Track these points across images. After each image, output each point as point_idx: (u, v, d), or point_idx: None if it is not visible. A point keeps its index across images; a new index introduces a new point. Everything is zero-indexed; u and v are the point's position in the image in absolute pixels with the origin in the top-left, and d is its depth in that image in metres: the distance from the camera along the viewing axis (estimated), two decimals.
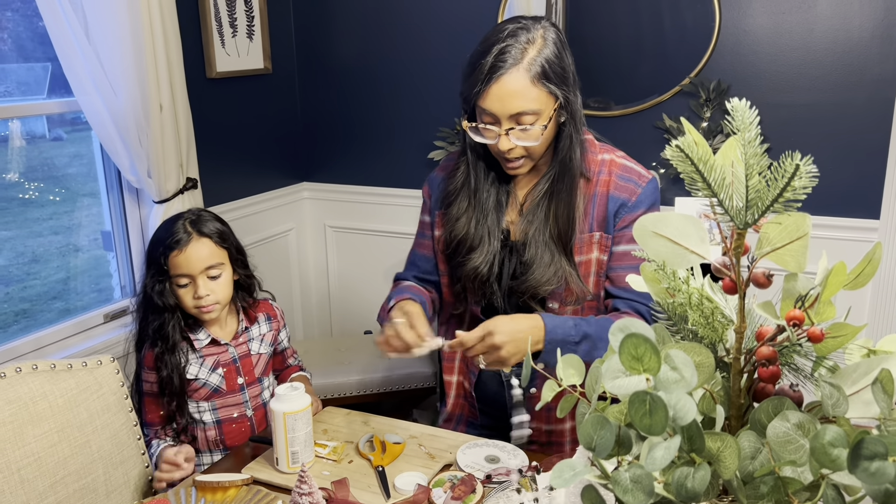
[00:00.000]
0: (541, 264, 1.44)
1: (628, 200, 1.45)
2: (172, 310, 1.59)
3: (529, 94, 1.33)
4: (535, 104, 1.34)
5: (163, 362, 1.58)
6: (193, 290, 1.58)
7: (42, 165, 2.34)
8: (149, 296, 1.59)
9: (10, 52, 2.18)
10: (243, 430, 1.67)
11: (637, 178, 1.47)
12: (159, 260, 1.57)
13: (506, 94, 1.33)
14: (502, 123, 1.36)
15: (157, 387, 1.60)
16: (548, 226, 1.45)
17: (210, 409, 1.63)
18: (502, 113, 1.34)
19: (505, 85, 1.32)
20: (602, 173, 1.48)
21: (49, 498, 1.39)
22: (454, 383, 1.68)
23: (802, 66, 2.31)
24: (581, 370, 0.80)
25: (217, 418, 1.64)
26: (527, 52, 1.33)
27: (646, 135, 2.54)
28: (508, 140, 1.37)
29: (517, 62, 1.32)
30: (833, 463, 0.61)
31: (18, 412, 1.37)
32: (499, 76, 1.32)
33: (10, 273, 2.24)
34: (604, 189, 1.47)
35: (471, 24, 2.72)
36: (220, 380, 1.63)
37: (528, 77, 1.33)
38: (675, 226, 0.72)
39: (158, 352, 1.59)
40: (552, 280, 1.44)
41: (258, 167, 2.96)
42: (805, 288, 0.70)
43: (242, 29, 2.74)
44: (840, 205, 2.33)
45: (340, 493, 1.32)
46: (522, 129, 1.35)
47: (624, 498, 0.63)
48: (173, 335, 1.59)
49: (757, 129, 0.67)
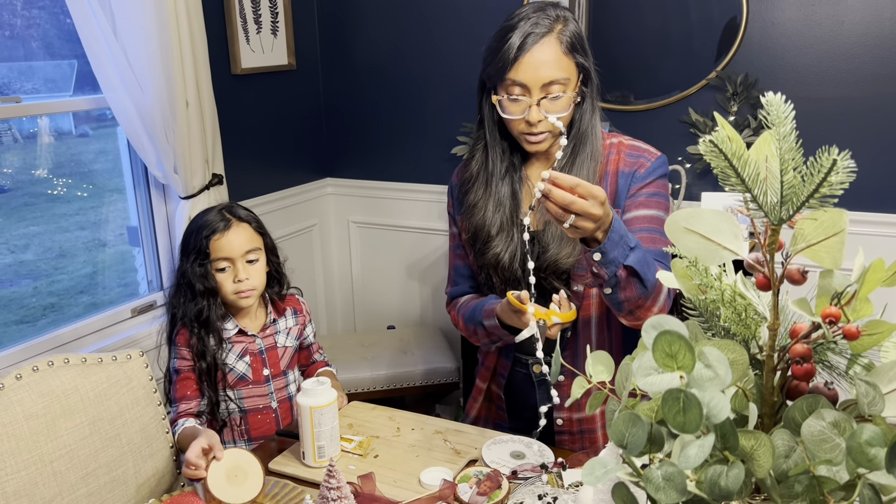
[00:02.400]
0: (560, 237, 1.45)
1: (637, 171, 1.47)
2: (213, 293, 1.61)
3: (561, 62, 1.38)
4: (566, 73, 1.38)
5: (201, 343, 1.60)
6: (233, 275, 1.61)
7: (69, 162, 2.37)
8: (189, 280, 1.60)
9: (38, 49, 2.21)
10: (268, 422, 1.68)
11: (647, 154, 1.50)
12: (201, 244, 1.59)
13: (539, 63, 1.36)
14: (533, 93, 1.38)
15: (190, 366, 1.61)
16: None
17: (236, 398, 1.65)
18: (535, 82, 1.37)
19: (539, 53, 1.36)
20: (611, 154, 1.50)
21: (80, 490, 1.41)
22: (484, 389, 1.69)
23: (832, 58, 2.28)
24: (610, 366, 0.80)
25: (243, 408, 1.65)
26: (556, 25, 1.39)
27: (671, 129, 2.52)
28: (539, 111, 1.39)
29: (549, 31, 1.37)
30: (870, 462, 0.60)
31: (51, 405, 1.39)
32: (532, 45, 1.36)
33: (38, 268, 2.27)
34: (613, 167, 1.49)
35: (494, 19, 2.70)
36: (246, 367, 1.65)
37: (560, 47, 1.38)
38: (707, 222, 0.71)
39: (196, 334, 1.61)
40: (572, 252, 1.44)
41: (282, 163, 2.98)
42: (841, 285, 0.69)
43: (267, 25, 2.76)
44: (872, 200, 2.29)
45: (367, 488, 1.33)
46: (554, 97, 1.38)
47: (656, 496, 0.63)
48: (213, 317, 1.61)
49: (792, 124, 0.66)
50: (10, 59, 2.14)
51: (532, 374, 1.59)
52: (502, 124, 1.49)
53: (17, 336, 2.16)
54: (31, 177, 2.26)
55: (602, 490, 0.89)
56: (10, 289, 2.20)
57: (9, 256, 2.20)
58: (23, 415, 1.34)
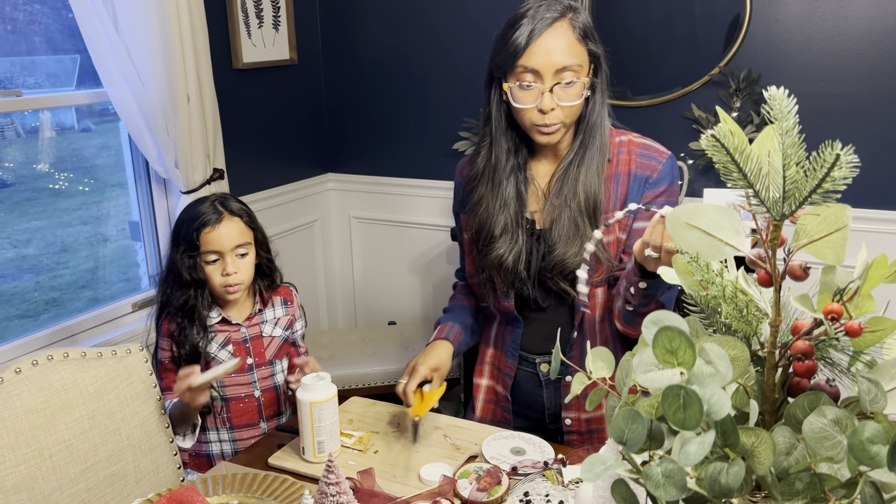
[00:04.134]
0: (566, 237, 1.44)
1: (650, 177, 1.46)
2: (201, 284, 1.62)
3: (574, 48, 1.37)
4: (579, 59, 1.37)
5: (183, 335, 1.62)
6: (222, 268, 1.61)
7: (71, 156, 2.36)
8: (177, 271, 1.61)
9: (40, 44, 2.20)
10: (250, 411, 1.68)
11: (658, 154, 1.48)
12: (191, 236, 1.59)
13: (553, 48, 1.35)
14: (545, 80, 1.36)
15: (172, 355, 1.64)
16: (576, 196, 1.44)
17: (218, 385, 1.65)
18: (548, 67, 1.35)
19: (550, 38, 1.35)
20: (622, 153, 1.48)
21: (80, 484, 1.41)
22: (483, 387, 1.67)
23: (836, 54, 2.27)
24: (611, 363, 0.79)
25: (224, 395, 1.66)
26: (568, 12, 1.38)
27: (673, 125, 2.51)
28: (552, 98, 1.37)
29: (562, 17, 1.37)
30: (872, 460, 0.59)
31: (50, 399, 1.39)
32: (544, 30, 1.35)
33: (40, 262, 2.28)
34: (625, 168, 1.47)
35: (497, 14, 2.69)
36: (228, 356, 1.64)
37: (573, 33, 1.37)
38: (709, 217, 0.71)
39: (179, 324, 1.62)
40: (578, 252, 1.43)
41: (284, 158, 2.97)
42: (844, 281, 0.68)
43: (268, 20, 2.75)
44: (875, 196, 2.28)
45: (366, 483, 1.32)
46: (567, 83, 1.37)
47: (656, 493, 0.63)
48: (199, 309, 1.62)
49: (795, 119, 0.66)
50: (13, 54, 2.14)
51: (539, 374, 1.58)
52: (511, 118, 1.46)
53: (19, 330, 2.16)
54: (33, 171, 2.26)
55: (602, 487, 0.89)
56: (12, 283, 2.20)
57: (11, 251, 2.20)
58: (22, 409, 1.34)
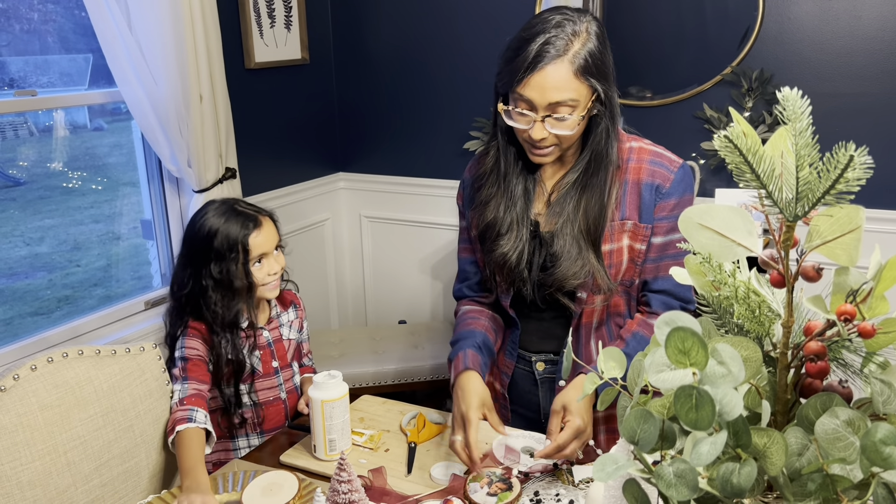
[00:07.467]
0: (568, 258, 1.43)
1: (662, 186, 1.44)
2: (253, 289, 1.61)
3: (570, 85, 1.32)
4: (575, 95, 1.33)
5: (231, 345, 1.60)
6: (266, 267, 1.62)
7: (84, 155, 2.38)
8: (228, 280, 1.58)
9: (54, 43, 2.22)
10: (279, 414, 1.70)
11: (668, 163, 1.46)
12: (241, 243, 1.58)
13: (548, 85, 1.32)
14: (539, 112, 1.35)
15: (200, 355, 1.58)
16: (577, 219, 1.43)
17: (247, 391, 1.65)
18: (541, 102, 1.33)
19: (548, 75, 1.31)
20: (632, 160, 1.46)
21: (94, 480, 1.42)
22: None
23: (849, 54, 2.26)
24: (622, 363, 0.80)
25: (255, 400, 1.66)
26: (572, 45, 1.32)
27: (685, 125, 2.51)
28: (543, 128, 1.36)
29: (562, 54, 1.31)
30: (885, 461, 0.59)
31: (65, 396, 1.40)
32: (543, 66, 1.31)
33: (52, 260, 2.29)
34: (635, 176, 1.45)
35: (508, 14, 2.70)
36: (257, 361, 1.66)
37: (572, 70, 1.32)
38: (721, 218, 0.71)
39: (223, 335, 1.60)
40: (579, 274, 1.42)
41: (295, 157, 2.98)
42: (857, 282, 0.68)
43: (280, 20, 2.76)
44: (889, 197, 2.27)
45: (378, 482, 1.33)
46: (559, 117, 1.34)
47: (667, 493, 0.63)
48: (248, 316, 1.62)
49: (808, 119, 0.66)
50: (27, 53, 2.16)
51: (535, 373, 1.58)
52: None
53: (32, 328, 2.18)
54: (46, 170, 2.28)
55: (613, 486, 0.89)
56: (25, 281, 2.22)
57: (24, 249, 2.22)
58: (37, 405, 1.35)
